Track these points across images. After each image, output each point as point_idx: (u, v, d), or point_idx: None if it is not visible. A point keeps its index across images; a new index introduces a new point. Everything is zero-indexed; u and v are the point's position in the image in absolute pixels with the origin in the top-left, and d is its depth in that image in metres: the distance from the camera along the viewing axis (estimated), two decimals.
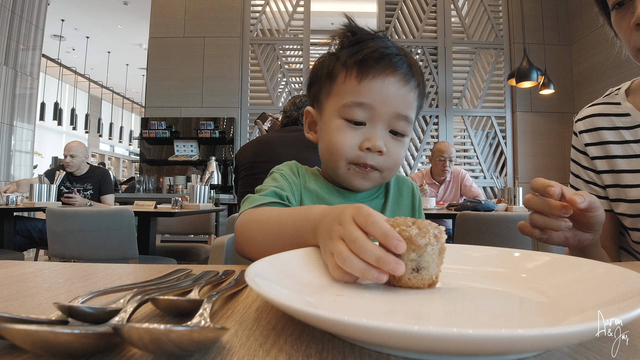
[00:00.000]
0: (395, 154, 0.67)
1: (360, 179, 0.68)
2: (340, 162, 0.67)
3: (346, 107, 0.65)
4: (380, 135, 0.65)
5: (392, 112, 0.65)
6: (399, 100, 0.65)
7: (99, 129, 9.83)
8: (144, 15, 6.06)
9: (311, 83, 0.75)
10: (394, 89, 0.64)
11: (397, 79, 0.65)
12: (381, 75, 0.64)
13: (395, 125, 0.66)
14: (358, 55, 0.65)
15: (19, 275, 0.47)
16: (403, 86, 0.65)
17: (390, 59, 0.64)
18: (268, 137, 2.09)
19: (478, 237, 1.99)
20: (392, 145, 0.67)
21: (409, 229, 0.39)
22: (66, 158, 3.24)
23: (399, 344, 0.23)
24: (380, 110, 0.64)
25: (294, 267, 0.42)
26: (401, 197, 0.80)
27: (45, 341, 0.21)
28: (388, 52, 0.65)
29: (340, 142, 0.66)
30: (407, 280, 0.38)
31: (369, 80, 0.64)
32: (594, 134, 0.88)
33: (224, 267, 0.50)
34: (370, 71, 0.64)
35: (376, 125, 0.65)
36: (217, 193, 4.23)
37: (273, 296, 0.27)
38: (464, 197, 3.19)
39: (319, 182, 0.76)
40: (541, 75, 4.26)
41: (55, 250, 2.06)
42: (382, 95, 0.64)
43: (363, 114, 0.65)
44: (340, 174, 0.70)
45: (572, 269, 0.40)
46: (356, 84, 0.65)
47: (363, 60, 0.64)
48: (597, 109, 0.90)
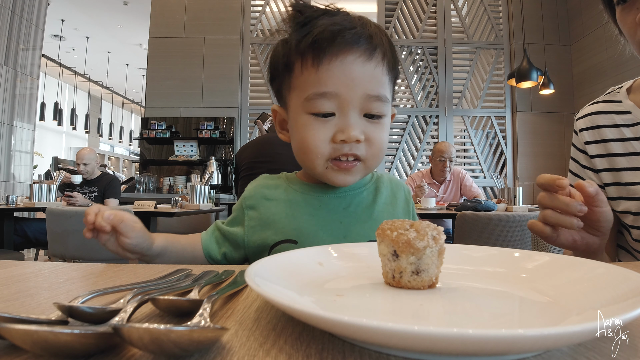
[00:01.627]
0: (376, 139, 0.61)
1: (342, 176, 0.63)
2: (316, 161, 0.62)
3: (309, 100, 0.59)
4: (353, 123, 0.59)
5: (360, 95, 0.59)
6: (365, 80, 0.58)
7: (99, 129, 9.82)
8: (144, 15, 6.06)
9: (272, 78, 0.69)
10: (357, 69, 0.58)
11: (357, 56, 0.58)
12: (338, 57, 0.57)
13: (369, 107, 0.60)
14: (308, 38, 0.58)
15: (19, 275, 0.47)
16: (366, 62, 0.59)
17: (343, 35, 0.57)
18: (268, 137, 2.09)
19: (478, 237, 1.99)
20: (371, 130, 0.61)
21: (407, 232, 0.39)
22: (79, 167, 3.28)
23: (399, 344, 0.23)
24: (347, 95, 0.58)
25: (294, 267, 0.42)
26: (396, 201, 0.75)
27: (45, 341, 0.21)
28: (339, 28, 0.57)
29: (311, 140, 0.60)
30: (407, 282, 0.38)
31: (327, 65, 0.57)
32: (595, 131, 0.88)
33: (224, 267, 0.50)
34: (326, 54, 0.57)
35: (347, 113, 0.59)
36: (217, 193, 4.23)
37: (273, 296, 0.27)
38: (464, 197, 3.19)
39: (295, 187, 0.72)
40: (541, 75, 4.26)
41: (55, 250, 2.06)
42: (345, 78, 0.58)
43: (329, 104, 0.59)
44: (319, 174, 0.64)
45: (572, 269, 0.40)
46: (314, 72, 0.58)
47: (314, 43, 0.57)
48: (598, 107, 0.89)
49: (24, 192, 4.17)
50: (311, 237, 0.66)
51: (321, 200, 0.70)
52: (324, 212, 0.69)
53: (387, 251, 0.40)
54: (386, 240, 0.39)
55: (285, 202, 0.70)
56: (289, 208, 0.69)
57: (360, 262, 0.47)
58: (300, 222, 0.68)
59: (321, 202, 0.70)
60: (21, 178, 4.36)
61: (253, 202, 0.72)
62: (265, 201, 0.71)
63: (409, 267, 0.38)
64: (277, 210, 0.69)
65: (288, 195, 0.71)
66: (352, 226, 0.68)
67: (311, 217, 0.68)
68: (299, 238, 0.66)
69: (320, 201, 0.70)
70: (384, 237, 0.40)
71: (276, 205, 0.70)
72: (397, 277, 0.39)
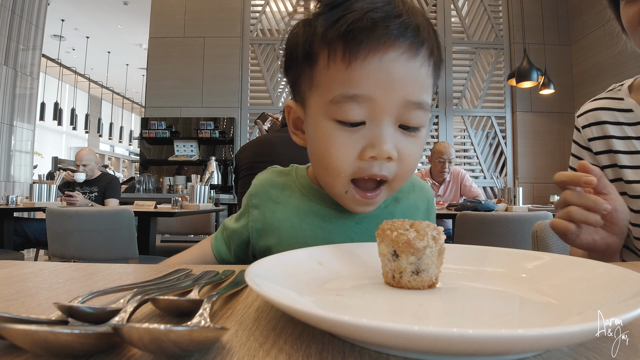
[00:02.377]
0: (410, 156, 0.51)
1: (362, 207, 0.54)
2: (337, 180, 0.52)
3: (335, 103, 0.48)
4: (387, 136, 0.48)
5: (399, 101, 0.48)
6: (407, 82, 0.48)
7: (99, 129, 9.82)
8: (144, 15, 6.06)
9: (287, 67, 0.57)
10: (399, 68, 0.47)
11: (401, 53, 0.47)
12: (378, 52, 0.46)
13: (407, 117, 0.49)
14: (341, 25, 0.46)
15: (19, 275, 0.47)
16: (410, 61, 0.48)
17: (387, 24, 0.46)
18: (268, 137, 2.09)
19: (478, 237, 1.99)
20: (405, 145, 0.50)
21: (407, 232, 0.39)
22: (79, 168, 3.28)
23: (399, 344, 0.23)
24: (383, 101, 0.47)
25: (294, 267, 0.41)
26: (416, 212, 0.67)
27: (45, 341, 0.21)
28: (381, 16, 0.46)
29: (334, 155, 0.50)
30: (407, 282, 0.39)
31: (362, 62, 0.46)
32: (598, 127, 0.87)
33: (223, 267, 0.50)
34: (362, 48, 0.46)
35: (380, 122, 0.48)
36: (217, 193, 4.24)
37: (273, 296, 0.27)
38: (464, 197, 3.19)
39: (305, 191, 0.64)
40: (541, 75, 4.26)
41: (55, 250, 2.06)
42: (383, 80, 0.47)
43: (360, 110, 0.48)
44: (336, 195, 0.55)
45: (572, 269, 0.40)
46: (344, 69, 0.47)
47: (348, 33, 0.46)
48: (600, 103, 0.89)
49: (24, 192, 4.17)
50: None
51: (332, 214, 0.62)
52: (334, 226, 0.62)
53: (387, 251, 0.40)
54: (386, 240, 0.40)
55: (293, 208, 0.63)
56: (296, 217, 0.62)
57: (360, 262, 0.47)
58: (307, 234, 0.61)
59: (332, 215, 0.62)
60: (21, 178, 4.36)
61: (258, 201, 0.65)
62: (270, 203, 0.64)
63: (409, 267, 0.38)
64: (282, 217, 0.63)
65: (296, 200, 0.63)
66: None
67: (319, 230, 0.62)
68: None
69: (332, 214, 0.62)
70: (383, 237, 0.40)
71: (282, 211, 0.63)
72: (397, 277, 0.39)
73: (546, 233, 1.15)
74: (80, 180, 3.27)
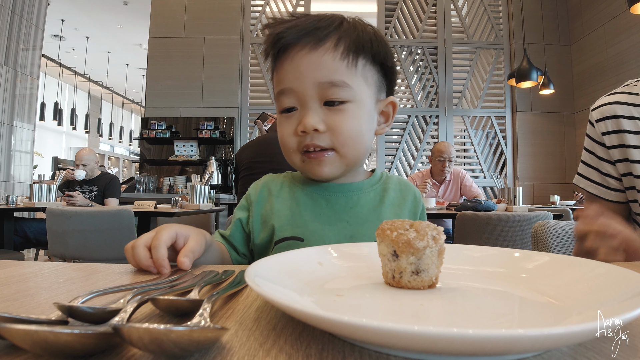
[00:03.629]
0: (339, 125, 0.61)
1: (316, 166, 0.64)
2: (291, 156, 0.65)
3: (276, 100, 0.64)
4: (310, 114, 0.60)
5: (312, 84, 0.60)
6: (313, 69, 0.60)
7: (99, 129, 9.82)
8: (144, 15, 6.06)
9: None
10: (304, 61, 0.60)
11: (302, 48, 0.61)
12: (288, 54, 0.61)
13: (326, 95, 0.60)
14: (265, 47, 0.64)
15: (19, 275, 0.47)
16: (311, 52, 0.60)
17: (286, 34, 0.61)
18: (268, 137, 2.09)
19: (478, 237, 1.99)
20: (332, 118, 0.61)
21: (407, 232, 0.39)
22: (78, 167, 3.28)
23: (399, 344, 0.23)
24: (300, 87, 0.60)
25: (294, 267, 0.42)
26: (404, 203, 0.74)
27: (45, 341, 0.21)
28: (281, 30, 0.61)
29: (281, 136, 0.65)
30: (407, 282, 0.38)
31: (281, 64, 0.62)
32: (613, 121, 0.88)
33: (224, 267, 0.50)
34: (279, 56, 0.63)
35: (305, 104, 0.61)
36: (217, 193, 4.23)
37: (273, 296, 0.27)
38: (464, 197, 3.19)
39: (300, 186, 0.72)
40: (541, 75, 4.26)
41: (55, 250, 2.06)
42: (294, 72, 0.61)
43: (289, 99, 0.62)
44: (300, 169, 0.67)
45: (572, 269, 0.40)
46: (275, 74, 0.64)
47: (267, 50, 0.64)
48: (616, 98, 0.90)
49: (24, 192, 4.17)
50: (317, 235, 0.66)
51: (327, 200, 0.70)
52: (330, 211, 0.69)
53: (387, 251, 0.40)
54: (386, 240, 0.39)
55: (291, 199, 0.70)
56: (295, 205, 0.70)
57: (360, 262, 0.47)
58: (307, 219, 0.68)
59: (328, 201, 0.70)
60: (21, 178, 4.35)
61: (258, 198, 0.73)
62: (270, 197, 0.72)
63: (409, 267, 0.38)
64: (282, 207, 0.70)
65: (294, 193, 0.71)
66: (358, 226, 0.68)
67: (318, 215, 0.68)
68: (305, 236, 0.66)
69: (327, 200, 0.70)
70: (383, 237, 0.40)
71: (282, 202, 0.70)
72: (397, 277, 0.39)
73: (546, 233, 1.15)
74: (79, 178, 3.26)
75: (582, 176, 0.95)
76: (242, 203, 0.75)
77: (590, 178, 0.93)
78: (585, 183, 0.94)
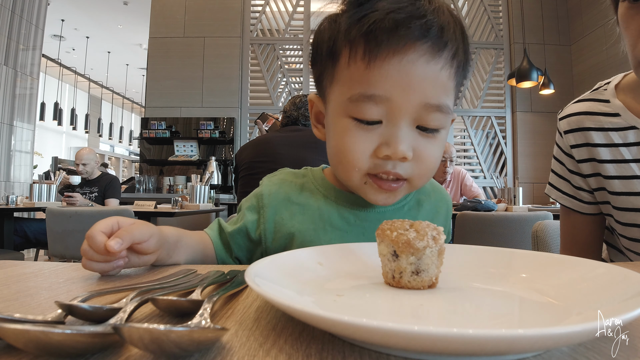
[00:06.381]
0: (428, 157, 0.51)
1: (382, 195, 0.53)
2: (352, 173, 0.52)
3: (353, 101, 0.49)
4: (403, 137, 0.48)
5: (417, 103, 0.47)
6: (426, 84, 0.47)
7: (99, 129, 9.82)
8: (144, 15, 6.06)
9: (313, 61, 0.57)
10: (419, 70, 0.46)
11: (421, 54, 0.46)
12: (397, 53, 0.46)
13: (425, 119, 0.49)
14: (362, 25, 0.46)
15: (19, 275, 0.47)
16: (430, 62, 0.47)
17: (409, 25, 0.45)
18: (268, 137, 2.09)
19: (478, 237, 1.99)
20: (423, 145, 0.50)
21: (407, 232, 0.39)
22: (78, 167, 3.28)
23: (399, 344, 0.23)
24: (400, 102, 0.47)
25: (294, 267, 0.41)
26: (437, 216, 0.66)
27: (37, 341, 0.21)
28: (404, 16, 0.45)
29: (349, 150, 0.50)
30: (407, 282, 0.39)
31: (381, 62, 0.46)
32: (580, 134, 0.80)
33: (228, 268, 0.50)
34: (382, 48, 0.46)
35: (397, 122, 0.48)
36: (217, 193, 4.23)
37: (273, 296, 0.27)
38: (464, 197, 3.19)
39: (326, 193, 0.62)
40: (541, 75, 4.26)
41: (55, 250, 2.06)
42: (402, 81, 0.46)
43: (377, 109, 0.48)
44: (355, 187, 0.55)
45: (572, 269, 0.40)
46: (364, 68, 0.47)
47: (370, 33, 0.46)
48: (583, 107, 0.81)
49: (24, 192, 4.17)
50: None
51: (357, 216, 0.61)
52: (359, 230, 0.60)
53: (387, 251, 0.40)
54: (386, 240, 0.39)
55: (315, 210, 0.61)
56: (320, 220, 0.60)
57: (360, 262, 0.47)
58: (332, 238, 0.59)
59: (357, 217, 0.61)
60: (21, 178, 4.35)
61: (271, 201, 0.62)
62: (288, 204, 0.62)
63: (409, 267, 0.38)
64: (304, 219, 0.60)
65: (318, 202, 0.61)
66: None
67: (344, 233, 0.60)
68: None
69: (356, 216, 0.61)
70: (383, 237, 0.40)
71: (303, 213, 0.61)
72: (397, 277, 0.39)
73: (546, 233, 1.15)
74: (75, 183, 3.27)
75: (554, 187, 0.89)
76: (252, 203, 0.64)
77: (561, 190, 0.87)
78: (557, 194, 0.88)
